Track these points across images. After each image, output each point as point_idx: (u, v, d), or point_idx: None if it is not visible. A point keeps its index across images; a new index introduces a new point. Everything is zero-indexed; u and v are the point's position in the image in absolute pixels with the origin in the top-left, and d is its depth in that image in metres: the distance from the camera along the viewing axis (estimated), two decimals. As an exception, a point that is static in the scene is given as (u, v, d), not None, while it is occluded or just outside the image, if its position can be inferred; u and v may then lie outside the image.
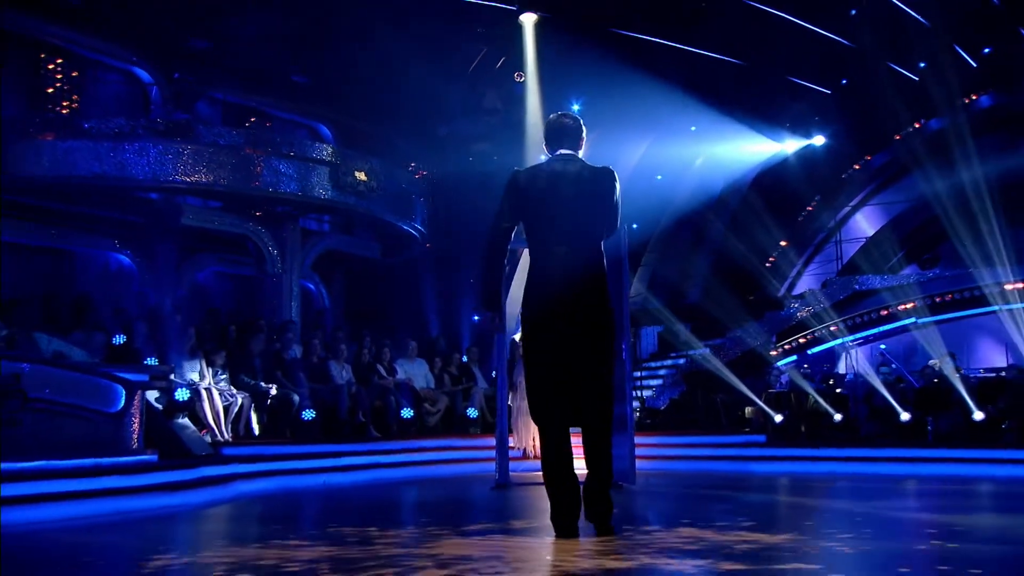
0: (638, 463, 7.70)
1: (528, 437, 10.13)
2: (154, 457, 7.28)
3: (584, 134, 4.53)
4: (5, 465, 5.86)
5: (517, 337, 10.20)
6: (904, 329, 14.66)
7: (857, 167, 17.89)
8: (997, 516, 6.01)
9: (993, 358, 15.67)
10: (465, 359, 12.89)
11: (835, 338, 14.50)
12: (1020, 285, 13.28)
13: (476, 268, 16.43)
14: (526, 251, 4.68)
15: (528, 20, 14.03)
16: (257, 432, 9.82)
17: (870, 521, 5.23)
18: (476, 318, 16.39)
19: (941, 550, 4.04)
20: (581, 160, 4.48)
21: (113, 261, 13.22)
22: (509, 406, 9.43)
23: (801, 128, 17.41)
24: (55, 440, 6.48)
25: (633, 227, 12.96)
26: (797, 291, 17.37)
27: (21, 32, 12.29)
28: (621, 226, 4.82)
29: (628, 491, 7.11)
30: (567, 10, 13.43)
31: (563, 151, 4.46)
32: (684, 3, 14.37)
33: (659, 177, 17.60)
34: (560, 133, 4.49)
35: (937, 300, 14.32)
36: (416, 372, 11.86)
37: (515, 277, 11.31)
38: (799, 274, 18.30)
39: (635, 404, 10.92)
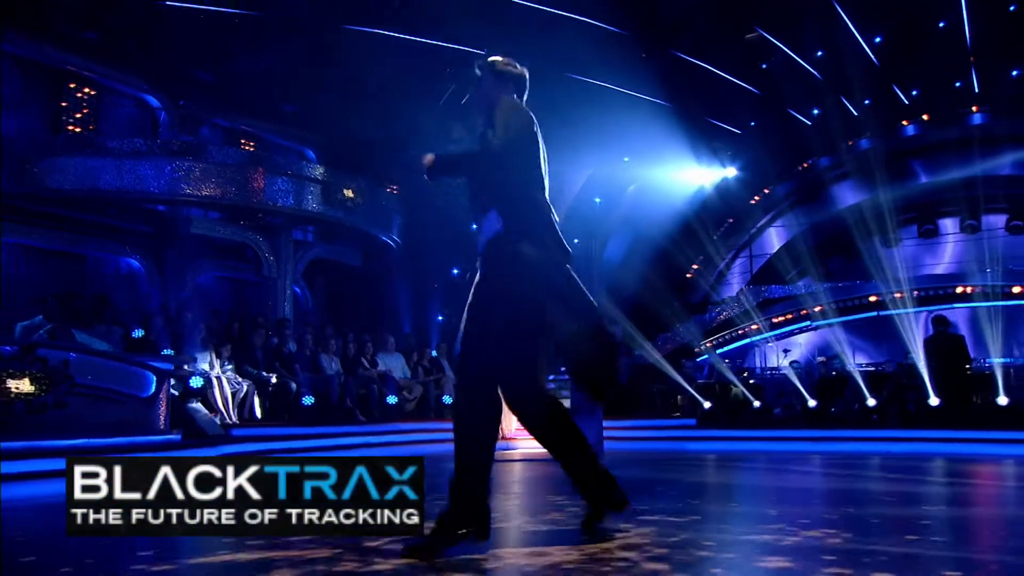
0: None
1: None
2: (178, 437, 7.23)
3: None
4: (54, 443, 5.79)
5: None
6: (803, 330, 15.18)
7: (766, 191, 18.43)
8: (886, 483, 6.36)
9: (873, 354, 16.31)
10: (435, 354, 12.93)
11: (749, 337, 14.93)
12: (899, 295, 13.89)
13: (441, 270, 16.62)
14: None
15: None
16: (259, 415, 9.75)
17: (790, 490, 5.51)
18: (440, 318, 16.46)
19: (840, 511, 4.31)
20: None
21: (124, 265, 12.93)
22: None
23: (717, 161, 17.91)
24: (96, 421, 6.38)
25: (575, 241, 13.17)
26: (719, 297, 17.82)
27: (46, 61, 12.07)
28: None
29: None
30: (529, 56, 13.59)
31: None
32: (627, 53, 14.69)
33: (597, 200, 17.97)
34: None
35: (830, 306, 14.84)
36: (395, 364, 11.87)
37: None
38: (720, 280, 18.73)
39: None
